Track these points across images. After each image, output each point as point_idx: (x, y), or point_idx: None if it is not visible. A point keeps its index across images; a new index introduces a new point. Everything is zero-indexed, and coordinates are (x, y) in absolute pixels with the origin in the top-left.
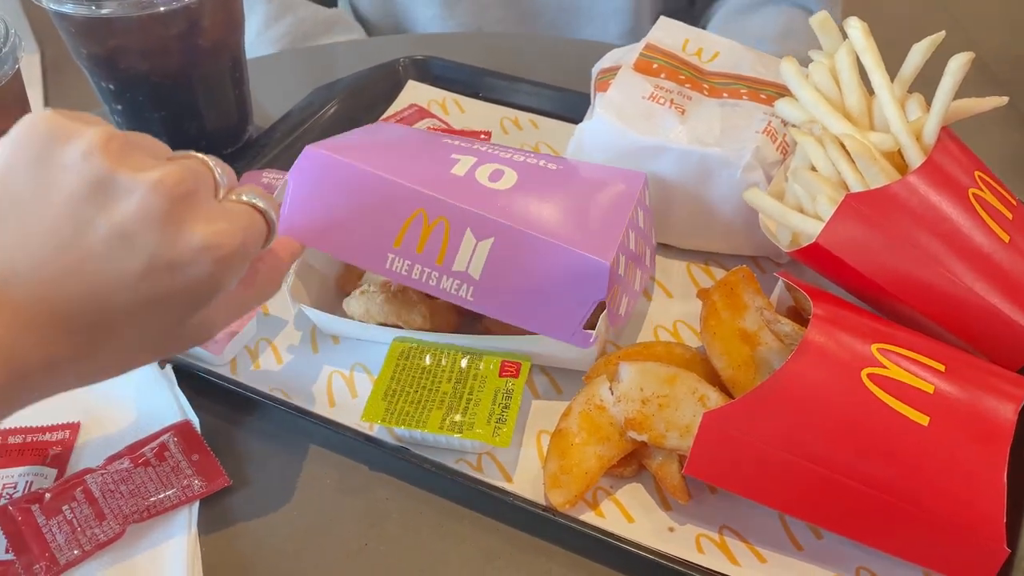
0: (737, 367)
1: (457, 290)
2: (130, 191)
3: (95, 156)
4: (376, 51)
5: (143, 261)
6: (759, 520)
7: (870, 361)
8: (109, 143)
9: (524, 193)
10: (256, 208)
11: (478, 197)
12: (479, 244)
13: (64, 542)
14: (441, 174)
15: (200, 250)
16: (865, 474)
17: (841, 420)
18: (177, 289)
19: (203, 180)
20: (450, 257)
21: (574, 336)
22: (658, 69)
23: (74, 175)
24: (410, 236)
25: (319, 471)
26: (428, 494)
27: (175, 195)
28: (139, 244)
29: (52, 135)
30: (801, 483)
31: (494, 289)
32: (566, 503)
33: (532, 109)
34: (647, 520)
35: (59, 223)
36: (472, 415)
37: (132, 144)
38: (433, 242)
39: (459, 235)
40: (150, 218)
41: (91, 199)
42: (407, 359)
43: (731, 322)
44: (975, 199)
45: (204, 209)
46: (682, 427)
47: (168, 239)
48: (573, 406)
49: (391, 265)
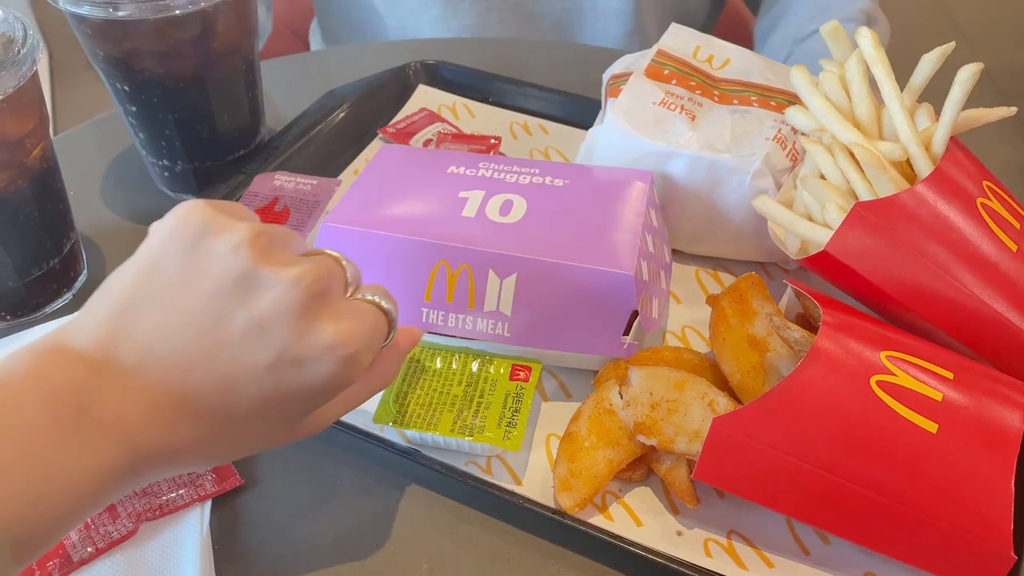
0: (746, 373)
1: (493, 329)
2: (271, 286)
3: (243, 250)
4: (387, 55)
5: (273, 354)
6: (767, 525)
7: (879, 368)
8: (257, 239)
9: (536, 221)
10: (380, 308)
11: (493, 236)
12: (504, 282)
13: (78, 539)
14: (454, 219)
15: (328, 348)
16: (873, 480)
17: (850, 426)
18: (302, 384)
19: (336, 278)
20: (479, 299)
21: (615, 349)
22: (669, 75)
23: (221, 267)
24: (438, 288)
25: (329, 472)
26: (438, 496)
27: (312, 292)
28: (272, 337)
29: (205, 227)
30: (809, 488)
31: (528, 322)
32: (575, 506)
33: (542, 114)
34: (655, 524)
35: (201, 312)
36: (483, 418)
37: (276, 240)
38: (460, 289)
39: (483, 278)
40: (286, 312)
41: (235, 291)
42: (418, 362)
43: (740, 328)
44: (983, 208)
45: (335, 307)
46: (691, 432)
47: (299, 334)
48: (583, 410)
49: (427, 319)
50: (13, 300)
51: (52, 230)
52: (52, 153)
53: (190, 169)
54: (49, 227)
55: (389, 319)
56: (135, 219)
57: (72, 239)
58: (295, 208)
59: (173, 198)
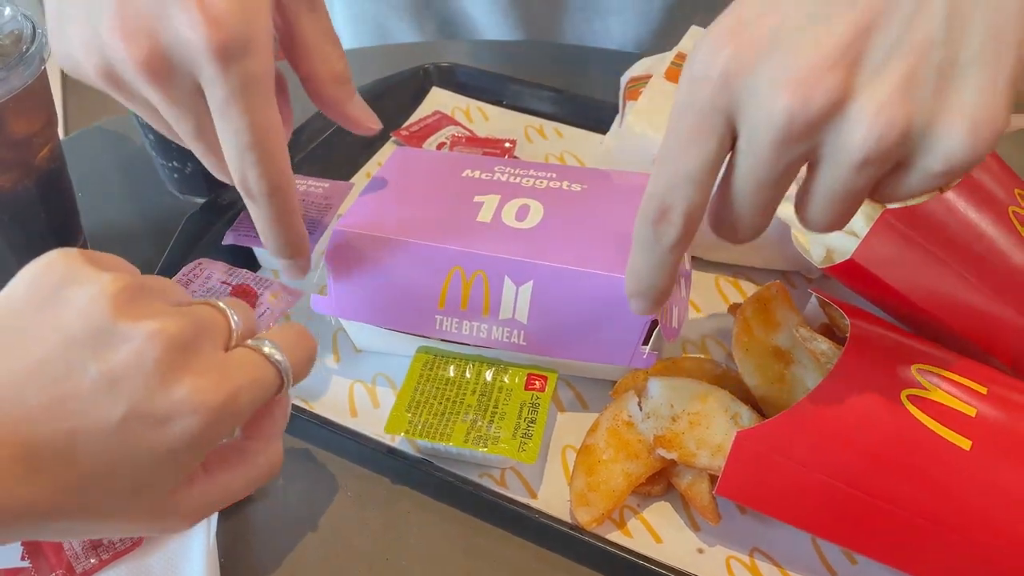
0: (770, 385)
1: (508, 337)
2: (127, 339)
3: (100, 303)
4: (400, 57)
5: (122, 409)
6: (791, 543)
7: (910, 382)
8: (119, 293)
9: (553, 227)
10: (268, 359)
11: (509, 242)
12: (520, 289)
13: (81, 550)
14: (469, 224)
15: (180, 402)
16: (903, 498)
17: (880, 442)
18: (155, 444)
19: (210, 330)
20: (494, 307)
21: (633, 359)
22: None
23: (76, 318)
24: (452, 295)
25: (339, 482)
26: (450, 508)
27: (170, 345)
28: (122, 391)
29: (68, 275)
30: (836, 506)
31: (545, 330)
32: (593, 521)
33: (557, 118)
34: (675, 540)
35: (53, 362)
36: (497, 429)
37: (146, 291)
38: (475, 296)
39: (499, 285)
40: (140, 367)
41: (88, 344)
42: (431, 370)
43: (764, 339)
44: (1015, 217)
45: (200, 360)
46: (713, 446)
47: (150, 389)
48: (600, 421)
49: (440, 326)
50: None
51: (59, 232)
52: (60, 153)
53: (200, 171)
54: (56, 229)
55: (280, 370)
56: (144, 222)
57: (80, 241)
58: (307, 211)
59: (182, 200)
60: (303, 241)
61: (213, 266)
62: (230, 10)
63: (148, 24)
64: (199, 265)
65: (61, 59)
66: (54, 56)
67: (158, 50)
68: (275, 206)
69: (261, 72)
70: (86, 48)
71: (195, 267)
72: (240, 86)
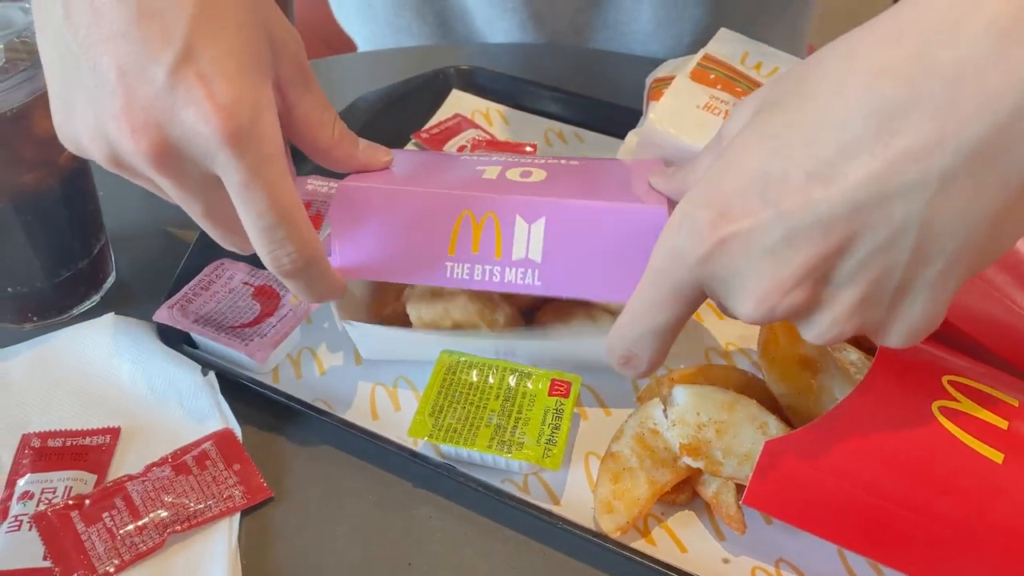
0: (797, 394)
1: (523, 279)
2: None
3: None
4: (419, 59)
5: None
6: (817, 554)
7: (941, 393)
8: None
9: (559, 180)
10: None
11: (517, 190)
12: (532, 227)
13: (104, 551)
14: (474, 180)
15: None
16: (933, 511)
17: (911, 454)
18: None
19: None
20: (507, 248)
21: None
22: (715, 80)
23: None
24: (462, 239)
25: (361, 486)
26: (473, 513)
27: None
28: None
29: None
30: (865, 518)
31: (560, 268)
32: (618, 529)
33: (578, 122)
34: (701, 550)
35: None
36: (521, 434)
37: None
38: (486, 239)
39: (510, 224)
40: None
41: None
42: (454, 374)
43: (791, 347)
44: None
45: None
46: (741, 455)
47: None
48: (625, 428)
49: (451, 273)
50: (40, 301)
51: (82, 231)
52: None
53: None
54: (79, 228)
55: None
56: (165, 221)
57: (102, 240)
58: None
59: None
60: (340, 286)
61: (235, 267)
62: (238, 98)
63: (156, 117)
64: (221, 266)
65: (66, 143)
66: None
67: (167, 142)
68: (311, 276)
69: (275, 151)
70: (92, 137)
71: (217, 267)
72: (256, 169)
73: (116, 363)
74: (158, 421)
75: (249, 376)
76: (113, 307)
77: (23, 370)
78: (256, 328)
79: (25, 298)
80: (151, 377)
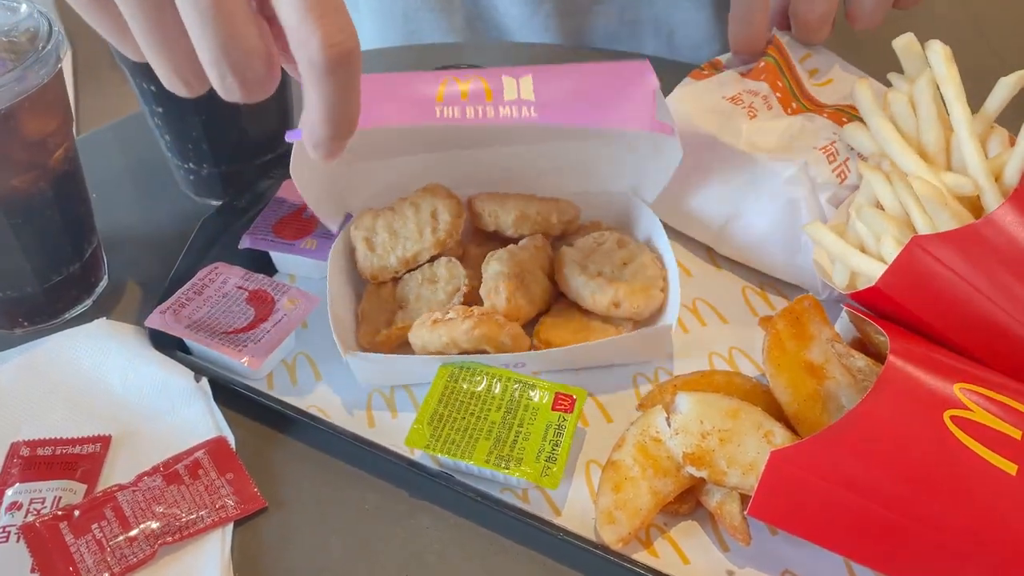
0: (803, 402)
1: (518, 112)
2: None
3: None
4: (429, 57)
5: None
6: (823, 566)
7: (953, 402)
8: None
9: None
10: None
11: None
12: (520, 80)
13: (93, 563)
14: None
15: None
16: (944, 523)
17: (921, 465)
18: None
19: None
20: (497, 94)
21: (653, 124)
22: (764, 67)
23: None
24: (450, 91)
25: (357, 495)
26: (471, 524)
27: None
28: None
29: None
30: (873, 529)
31: (556, 101)
32: (619, 541)
33: None
34: (704, 562)
35: None
36: (521, 450)
37: None
38: (475, 91)
39: (498, 81)
40: None
41: None
42: (455, 382)
43: (796, 354)
44: None
45: None
46: (745, 464)
47: None
48: (627, 437)
49: (441, 114)
50: (31, 306)
51: (73, 234)
52: (75, 154)
53: (217, 173)
54: (70, 231)
55: None
56: (158, 224)
57: (93, 243)
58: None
59: (198, 202)
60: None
61: (229, 271)
62: None
63: None
64: (215, 269)
65: None
66: (70, 55)
67: None
68: (345, 73)
69: None
70: None
71: (211, 271)
72: None
73: (107, 369)
74: (150, 429)
75: (243, 383)
76: (105, 311)
77: (13, 376)
78: (250, 334)
79: (15, 302)
80: (143, 384)
